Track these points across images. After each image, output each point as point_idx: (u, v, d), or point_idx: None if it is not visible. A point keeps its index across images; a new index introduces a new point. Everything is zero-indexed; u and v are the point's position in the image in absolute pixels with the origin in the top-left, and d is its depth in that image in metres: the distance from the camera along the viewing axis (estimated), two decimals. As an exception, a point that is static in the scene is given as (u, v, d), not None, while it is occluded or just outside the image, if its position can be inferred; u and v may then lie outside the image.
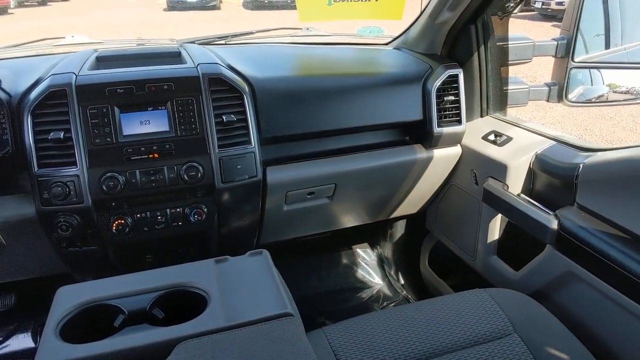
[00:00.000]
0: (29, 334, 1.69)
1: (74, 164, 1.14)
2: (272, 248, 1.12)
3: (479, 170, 1.48)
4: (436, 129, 1.46)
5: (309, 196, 1.45)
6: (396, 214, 1.73)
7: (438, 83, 1.45)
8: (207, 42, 1.71)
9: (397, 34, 1.79)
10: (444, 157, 1.54)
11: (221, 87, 1.26)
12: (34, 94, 1.16)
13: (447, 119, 1.48)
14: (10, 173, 1.21)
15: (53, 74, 1.19)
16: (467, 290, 1.16)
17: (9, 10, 14.58)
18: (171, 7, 14.07)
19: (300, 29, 1.87)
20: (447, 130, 1.47)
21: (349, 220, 1.67)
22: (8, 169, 1.19)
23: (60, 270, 1.39)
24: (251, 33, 1.84)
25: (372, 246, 2.11)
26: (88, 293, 0.89)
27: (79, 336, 0.81)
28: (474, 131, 1.52)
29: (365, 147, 1.50)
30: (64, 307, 0.85)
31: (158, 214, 1.25)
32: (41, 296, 1.74)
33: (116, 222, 1.21)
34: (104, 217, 1.21)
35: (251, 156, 1.28)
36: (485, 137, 1.48)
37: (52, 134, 1.13)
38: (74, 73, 1.19)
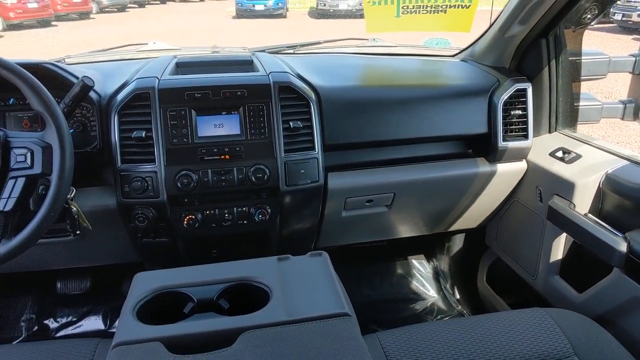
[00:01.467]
0: (100, 316, 1.84)
1: (153, 161, 1.24)
2: (328, 252, 1.15)
3: (544, 187, 1.44)
4: (501, 143, 1.44)
5: (367, 203, 1.48)
6: (455, 227, 1.71)
7: (505, 96, 1.43)
8: (276, 51, 1.79)
9: (463, 46, 1.79)
10: (507, 172, 1.51)
11: (290, 94, 1.31)
12: (120, 95, 1.27)
13: (513, 134, 1.46)
14: (96, 167, 1.32)
15: (138, 78, 1.30)
16: (527, 309, 1.14)
17: (91, 16, 15.70)
18: (239, 15, 14.60)
19: (367, 39, 1.91)
20: (513, 144, 1.45)
21: (406, 230, 1.68)
22: (95, 163, 1.31)
23: (132, 260, 1.50)
24: (318, 43, 1.91)
25: (428, 258, 2.10)
26: (162, 280, 0.96)
27: (152, 318, 0.88)
28: (540, 147, 1.49)
29: (425, 157, 1.50)
30: (141, 291, 0.93)
31: (225, 211, 1.32)
32: (112, 283, 1.89)
33: (187, 217, 1.30)
34: (177, 211, 1.30)
35: (314, 162, 1.33)
36: (552, 154, 1.45)
37: (135, 132, 1.23)
38: (156, 77, 1.29)
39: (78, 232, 1.23)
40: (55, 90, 1.10)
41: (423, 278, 2.02)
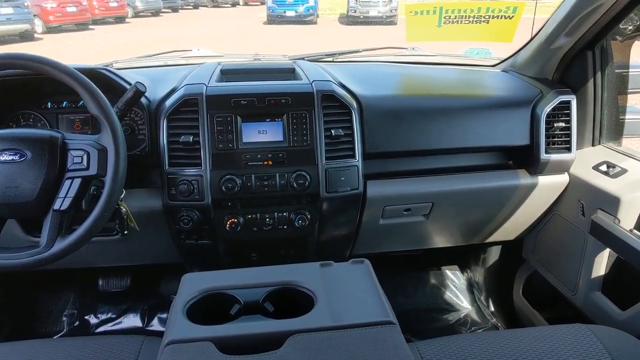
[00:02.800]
0: (138, 314, 1.89)
1: (199, 165, 1.27)
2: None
3: (587, 201, 1.42)
4: (543, 155, 1.43)
5: (405, 212, 1.48)
6: (491, 238, 1.70)
7: (548, 109, 1.42)
8: (315, 58, 1.82)
9: (503, 56, 1.78)
10: (549, 185, 1.49)
11: (332, 103, 1.33)
12: (169, 101, 1.31)
13: (556, 146, 1.44)
14: (144, 169, 1.37)
15: (186, 84, 1.34)
16: (567, 325, 1.12)
17: (127, 20, 16.14)
18: (270, 21, 14.78)
19: (406, 48, 1.92)
20: (555, 157, 1.43)
21: (442, 241, 1.67)
22: (142, 165, 1.35)
23: (172, 260, 1.54)
24: (357, 51, 1.93)
25: (462, 269, 2.08)
26: (209, 281, 0.99)
27: (199, 318, 0.91)
28: (584, 160, 1.47)
29: (465, 168, 1.50)
30: (190, 292, 0.95)
31: (266, 216, 1.35)
32: (151, 282, 1.94)
33: (230, 221, 1.33)
34: (220, 215, 1.33)
35: (355, 169, 1.34)
36: (596, 167, 1.42)
37: (182, 137, 1.27)
38: (204, 84, 1.33)
39: (126, 232, 1.27)
40: (108, 94, 1.15)
41: (457, 289, 2.01)
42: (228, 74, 1.52)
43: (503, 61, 1.76)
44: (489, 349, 1.03)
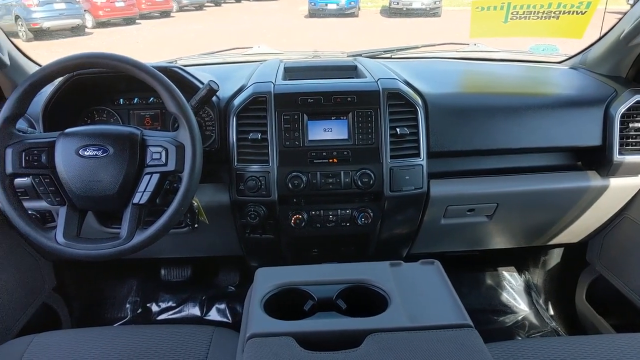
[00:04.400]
0: (197, 304, 1.95)
1: (267, 162, 1.30)
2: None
3: None
4: (617, 157, 1.37)
5: (468, 213, 1.46)
6: (554, 241, 1.65)
7: (623, 109, 1.36)
8: (373, 55, 1.81)
9: (571, 53, 1.72)
10: (621, 187, 1.44)
11: (398, 101, 1.33)
12: (239, 99, 1.34)
13: (630, 147, 1.38)
14: (211, 165, 1.41)
15: (255, 83, 1.37)
16: (638, 333, 1.08)
17: (172, 14, 16.51)
18: (312, 14, 14.77)
19: (467, 44, 1.88)
20: (630, 159, 1.38)
21: (503, 242, 1.64)
22: (211, 161, 1.39)
23: (233, 253, 1.58)
24: (416, 47, 1.90)
25: (520, 271, 2.03)
26: (283, 277, 1.01)
27: (274, 312, 0.93)
28: (660, 162, 1.40)
29: (531, 169, 1.46)
30: (266, 286, 0.98)
31: (330, 213, 1.36)
32: (210, 273, 2.00)
33: (295, 217, 1.35)
34: (285, 210, 1.35)
35: (419, 168, 1.33)
36: (674, 170, 1.36)
37: (251, 134, 1.30)
38: (271, 82, 1.35)
39: (196, 225, 1.31)
40: (180, 92, 1.18)
41: (514, 291, 1.97)
42: (291, 71, 1.54)
43: (570, 58, 1.70)
44: (560, 356, 1.01)
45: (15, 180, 1.10)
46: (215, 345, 1.12)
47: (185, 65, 1.55)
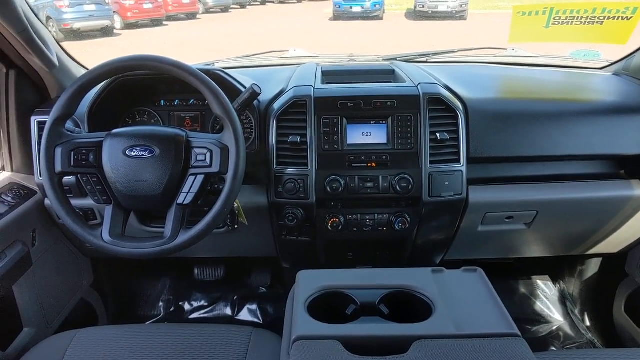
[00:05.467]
0: (229, 304, 1.97)
1: (306, 165, 1.30)
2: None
3: None
4: None
5: (507, 220, 1.44)
6: (593, 250, 1.62)
7: None
8: (408, 59, 1.80)
9: (613, 59, 1.68)
10: (665, 197, 1.40)
11: (439, 106, 1.32)
12: (279, 102, 1.35)
13: (676, 156, 1.35)
14: (250, 167, 1.42)
15: (295, 86, 1.37)
16: None
17: (198, 16, 16.73)
18: (337, 17, 14.78)
19: (505, 49, 1.86)
20: None
21: (540, 250, 1.61)
22: (250, 163, 1.40)
23: (266, 254, 1.59)
24: (452, 52, 1.89)
25: (554, 280, 1.99)
26: (325, 280, 1.01)
27: (316, 315, 0.93)
28: None
29: (572, 176, 1.43)
30: (309, 289, 0.98)
31: (367, 217, 1.36)
32: (242, 273, 2.01)
33: (332, 220, 1.35)
34: (322, 214, 1.35)
35: (459, 174, 1.32)
36: None
37: (291, 137, 1.30)
38: (311, 86, 1.36)
39: (236, 226, 1.33)
40: None
41: (548, 300, 1.93)
42: (329, 75, 1.54)
43: (613, 64, 1.66)
44: None
45: None
46: (254, 346, 1.13)
47: (224, 68, 1.57)
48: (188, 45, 10.46)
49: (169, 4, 15.37)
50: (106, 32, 12.51)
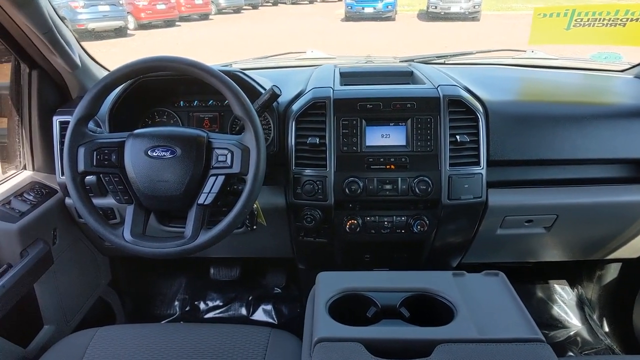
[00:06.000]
0: (244, 304, 1.98)
1: (325, 166, 1.30)
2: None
3: None
4: None
5: (526, 224, 1.43)
6: (612, 255, 1.59)
7: None
8: (425, 60, 1.79)
9: (635, 61, 1.66)
10: (687, 202, 1.38)
11: (459, 108, 1.31)
12: (298, 104, 1.35)
13: (700, 160, 1.33)
14: (269, 168, 1.42)
15: (314, 88, 1.37)
16: None
17: (210, 17, 16.82)
18: (348, 18, 14.76)
19: (524, 50, 1.84)
20: None
21: (559, 255, 1.59)
22: (268, 164, 1.40)
23: (282, 255, 1.59)
24: (470, 53, 1.88)
25: (571, 284, 1.97)
26: (346, 282, 1.01)
27: (337, 317, 0.93)
28: None
29: (593, 180, 1.41)
30: (329, 290, 0.98)
31: (385, 219, 1.36)
32: (257, 274, 2.02)
33: (350, 222, 1.35)
34: (340, 215, 1.35)
35: (479, 177, 1.31)
36: None
37: (309, 139, 1.30)
38: (330, 87, 1.36)
39: (255, 226, 1.33)
40: None
41: (565, 305, 1.91)
42: (347, 76, 1.54)
43: (635, 67, 1.64)
44: None
45: None
46: (272, 347, 1.13)
47: (243, 69, 1.58)
48: (201, 46, 10.52)
49: (182, 5, 15.47)
50: (120, 32, 12.62)
